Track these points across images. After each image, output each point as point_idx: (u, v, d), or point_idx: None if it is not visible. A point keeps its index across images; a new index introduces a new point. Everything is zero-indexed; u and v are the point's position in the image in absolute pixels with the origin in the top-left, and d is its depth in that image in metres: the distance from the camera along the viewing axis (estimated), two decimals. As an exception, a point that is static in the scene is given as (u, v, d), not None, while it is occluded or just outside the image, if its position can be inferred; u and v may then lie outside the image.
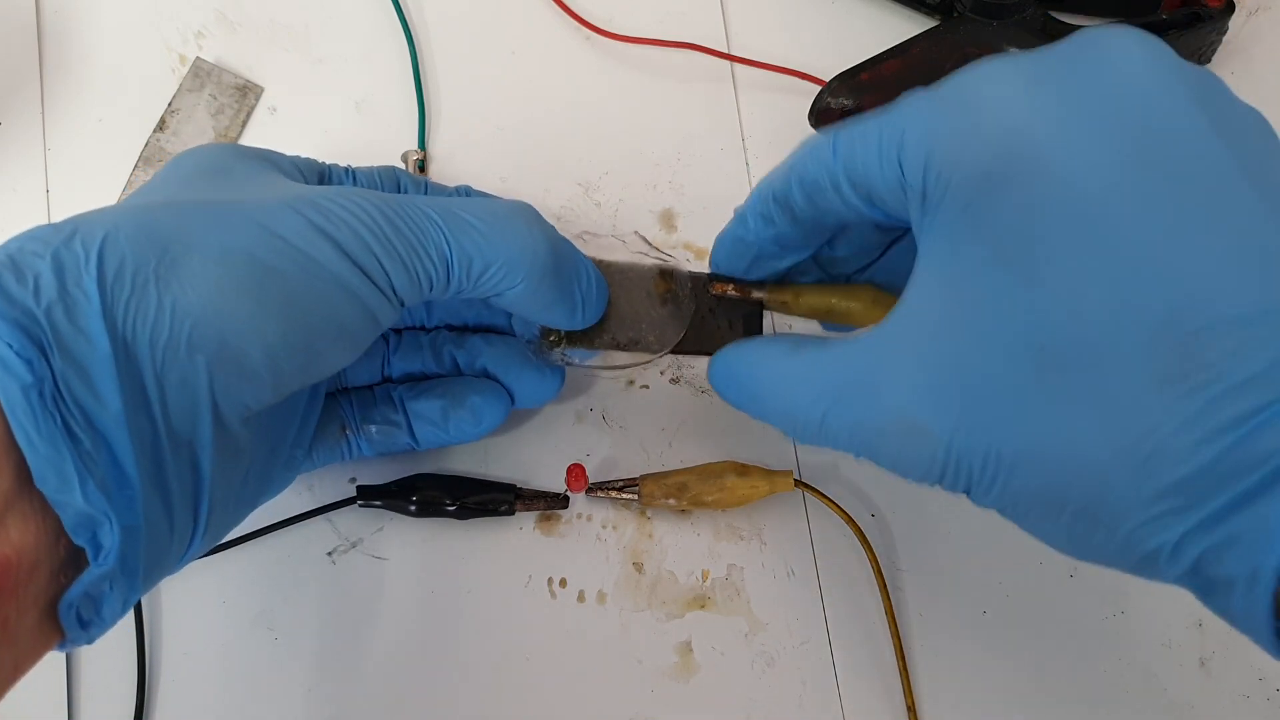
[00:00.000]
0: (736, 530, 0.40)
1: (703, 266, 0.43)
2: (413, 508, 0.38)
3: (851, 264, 0.36)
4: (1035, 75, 0.27)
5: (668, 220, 0.44)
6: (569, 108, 0.45)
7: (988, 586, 0.40)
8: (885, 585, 0.39)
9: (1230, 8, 0.43)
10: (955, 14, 0.44)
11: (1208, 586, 0.25)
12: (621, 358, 0.37)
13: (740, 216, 0.35)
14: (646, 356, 0.37)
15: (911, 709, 0.38)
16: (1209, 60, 0.45)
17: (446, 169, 0.44)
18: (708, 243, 0.43)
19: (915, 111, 0.29)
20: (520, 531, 0.40)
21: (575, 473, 0.39)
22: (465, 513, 0.38)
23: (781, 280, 0.37)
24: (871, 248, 0.36)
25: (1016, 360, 0.26)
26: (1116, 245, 0.25)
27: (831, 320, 0.36)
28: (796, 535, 0.40)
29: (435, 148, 0.44)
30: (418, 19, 0.46)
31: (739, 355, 0.35)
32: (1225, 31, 0.44)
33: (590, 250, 0.36)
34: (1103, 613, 0.39)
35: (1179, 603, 0.40)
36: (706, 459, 0.40)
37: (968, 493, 0.29)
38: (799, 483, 0.39)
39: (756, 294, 0.37)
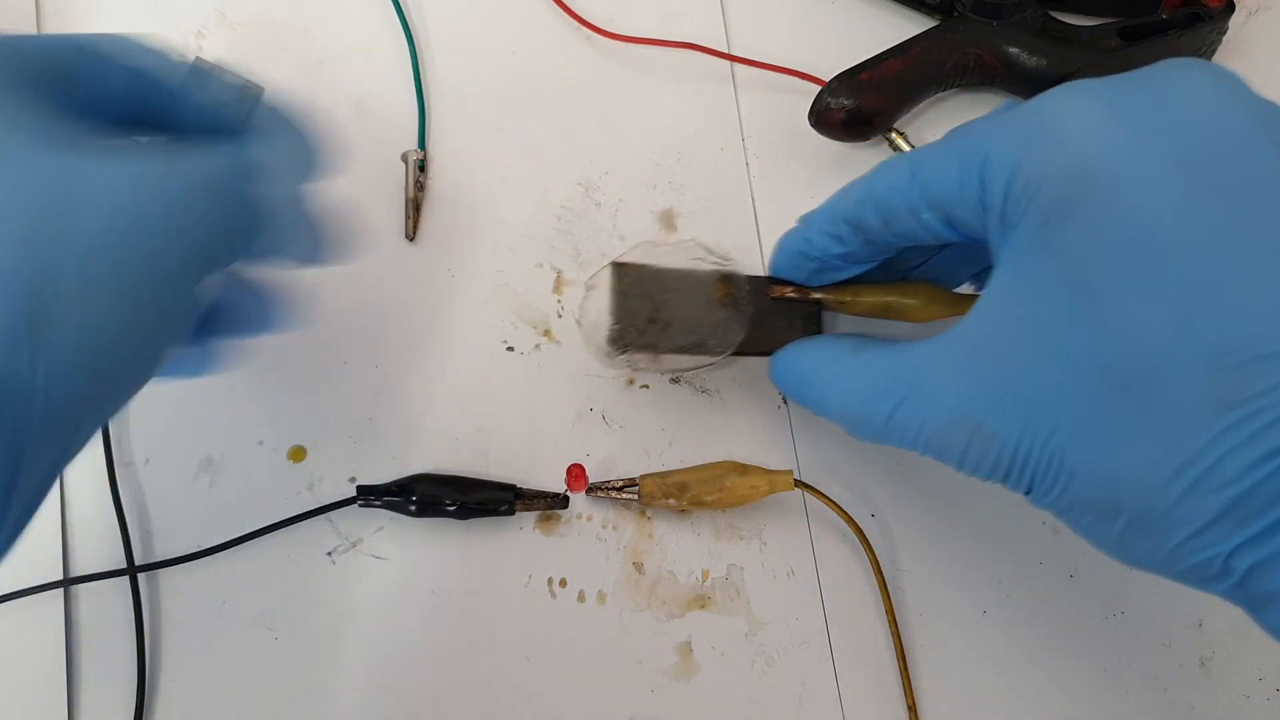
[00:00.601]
0: (736, 530, 0.40)
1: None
2: (413, 508, 0.38)
3: (907, 265, 0.38)
4: (1115, 104, 0.28)
5: (668, 220, 0.44)
6: (569, 108, 0.45)
7: (988, 586, 0.40)
8: (885, 585, 0.39)
9: (1230, 8, 0.43)
10: (955, 14, 0.44)
11: (1256, 601, 0.26)
12: (686, 361, 0.38)
13: (806, 235, 0.36)
14: (709, 359, 0.38)
15: (912, 709, 0.38)
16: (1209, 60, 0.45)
17: (446, 169, 0.44)
18: (707, 242, 0.44)
19: (999, 133, 0.30)
20: (520, 531, 0.40)
21: (575, 473, 0.39)
22: (465, 513, 0.38)
23: (839, 281, 0.38)
24: (929, 252, 0.37)
25: (1081, 375, 0.28)
26: (1182, 274, 0.26)
27: (889, 317, 0.38)
28: (796, 535, 0.40)
29: (435, 148, 0.44)
30: (418, 19, 0.46)
31: (801, 353, 0.37)
32: (1225, 31, 0.44)
33: (650, 258, 0.38)
34: (1103, 613, 0.39)
35: (1179, 603, 0.40)
36: (706, 459, 0.40)
37: (1028, 493, 0.30)
38: (799, 483, 0.39)
39: (815, 295, 0.38)
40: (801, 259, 0.37)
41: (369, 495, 0.38)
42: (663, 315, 0.38)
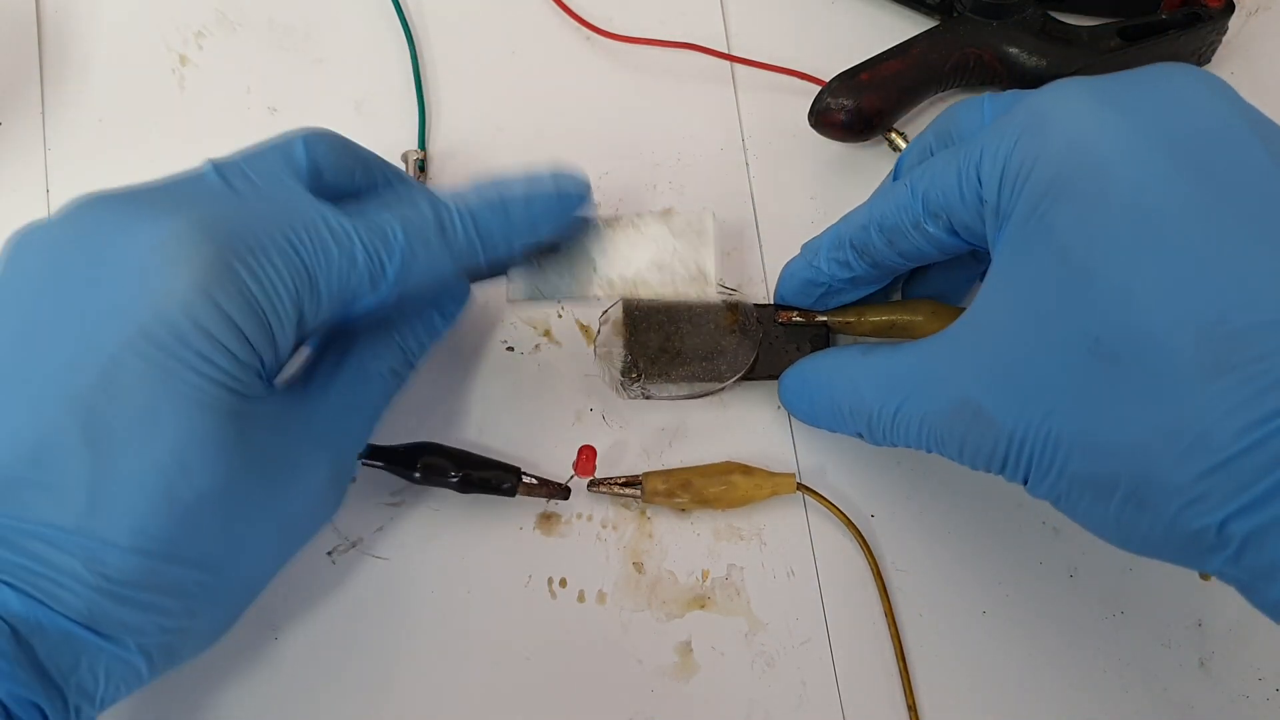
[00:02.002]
0: (736, 530, 0.40)
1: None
2: (417, 474, 0.37)
3: (905, 275, 0.39)
4: (1106, 95, 0.29)
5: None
6: (569, 108, 0.45)
7: (988, 586, 0.40)
8: (885, 585, 0.39)
9: (1230, 8, 0.43)
10: (955, 14, 0.44)
11: (1254, 576, 0.26)
12: (697, 387, 0.40)
13: (813, 263, 0.37)
14: (719, 385, 0.40)
15: (912, 709, 0.38)
16: (1209, 60, 0.45)
17: (446, 169, 0.44)
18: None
19: (993, 131, 0.31)
20: (520, 531, 0.40)
21: (586, 454, 0.38)
22: (467, 485, 0.38)
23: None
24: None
25: (1074, 351, 0.28)
26: (1170, 248, 0.27)
27: (894, 335, 0.39)
28: (796, 535, 0.40)
29: (435, 148, 0.44)
30: (418, 19, 0.46)
31: (813, 364, 0.38)
32: (1225, 31, 0.44)
33: None
34: (1103, 613, 0.39)
35: (1179, 603, 0.40)
36: (706, 460, 0.40)
37: (1025, 481, 0.30)
38: (801, 486, 0.39)
39: (821, 317, 0.39)
40: (809, 286, 0.38)
41: (374, 456, 0.37)
42: (673, 344, 0.39)
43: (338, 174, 0.34)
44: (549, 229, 0.35)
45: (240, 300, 0.28)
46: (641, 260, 0.37)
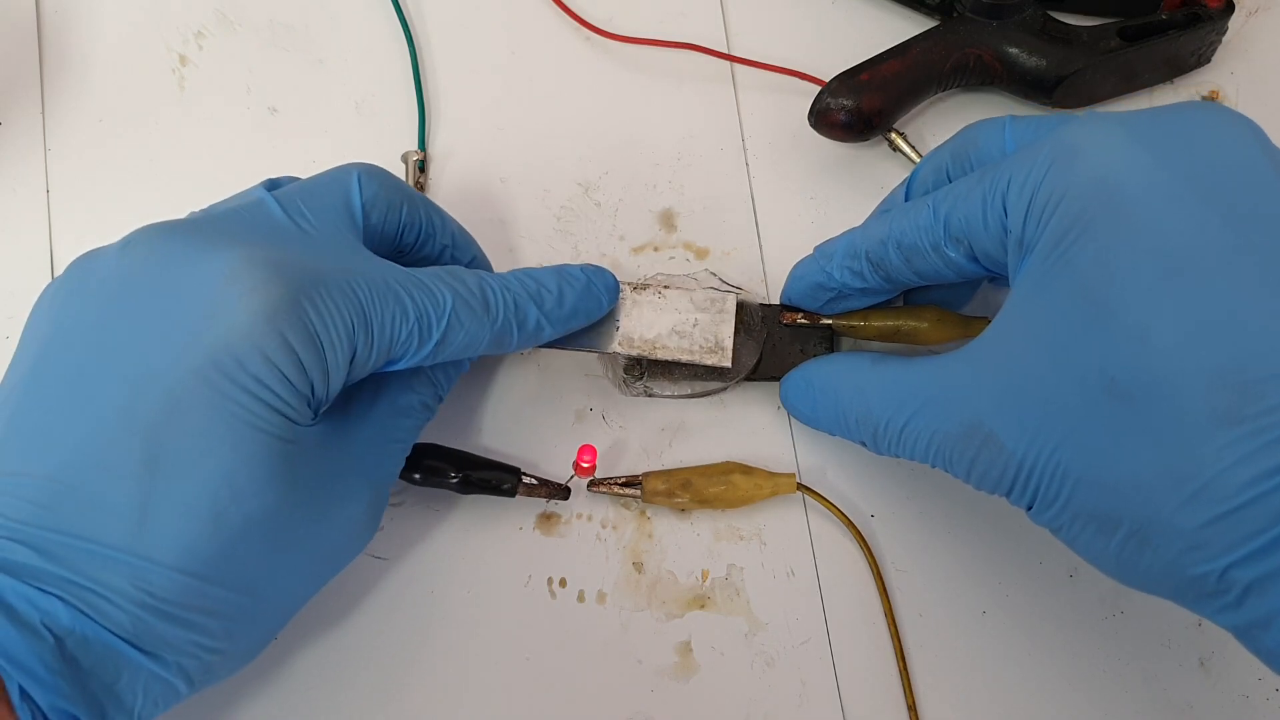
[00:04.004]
0: (736, 530, 0.40)
1: (702, 266, 0.43)
2: (417, 476, 0.38)
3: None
4: (1136, 131, 0.29)
5: (668, 220, 0.44)
6: (569, 108, 0.45)
7: (988, 586, 0.40)
8: (885, 585, 0.39)
9: (1230, 8, 0.43)
10: (955, 14, 0.44)
11: (1250, 625, 0.26)
12: (700, 386, 0.40)
13: (825, 268, 0.37)
14: (723, 384, 0.40)
15: (912, 709, 0.38)
16: (1209, 60, 0.45)
17: (446, 169, 0.44)
18: (708, 242, 0.44)
19: (1019, 163, 0.31)
20: (520, 531, 0.40)
21: (586, 454, 0.38)
22: (467, 486, 0.38)
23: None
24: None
25: (1088, 388, 0.28)
26: (1191, 293, 0.27)
27: (898, 340, 0.39)
28: (796, 536, 0.40)
29: (435, 148, 0.44)
30: (418, 19, 0.46)
31: (818, 368, 0.38)
32: (1225, 31, 0.44)
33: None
34: (1103, 613, 0.39)
35: (1179, 603, 0.40)
36: (706, 460, 0.40)
37: (1029, 508, 0.31)
38: (801, 486, 0.39)
39: (826, 320, 0.39)
40: (819, 290, 0.38)
41: None
42: None
43: (387, 210, 0.35)
44: (577, 323, 0.37)
45: (303, 331, 0.29)
46: (663, 325, 0.38)
